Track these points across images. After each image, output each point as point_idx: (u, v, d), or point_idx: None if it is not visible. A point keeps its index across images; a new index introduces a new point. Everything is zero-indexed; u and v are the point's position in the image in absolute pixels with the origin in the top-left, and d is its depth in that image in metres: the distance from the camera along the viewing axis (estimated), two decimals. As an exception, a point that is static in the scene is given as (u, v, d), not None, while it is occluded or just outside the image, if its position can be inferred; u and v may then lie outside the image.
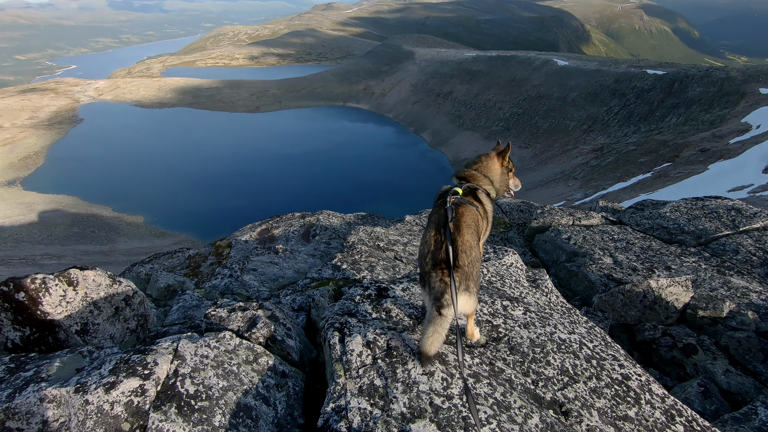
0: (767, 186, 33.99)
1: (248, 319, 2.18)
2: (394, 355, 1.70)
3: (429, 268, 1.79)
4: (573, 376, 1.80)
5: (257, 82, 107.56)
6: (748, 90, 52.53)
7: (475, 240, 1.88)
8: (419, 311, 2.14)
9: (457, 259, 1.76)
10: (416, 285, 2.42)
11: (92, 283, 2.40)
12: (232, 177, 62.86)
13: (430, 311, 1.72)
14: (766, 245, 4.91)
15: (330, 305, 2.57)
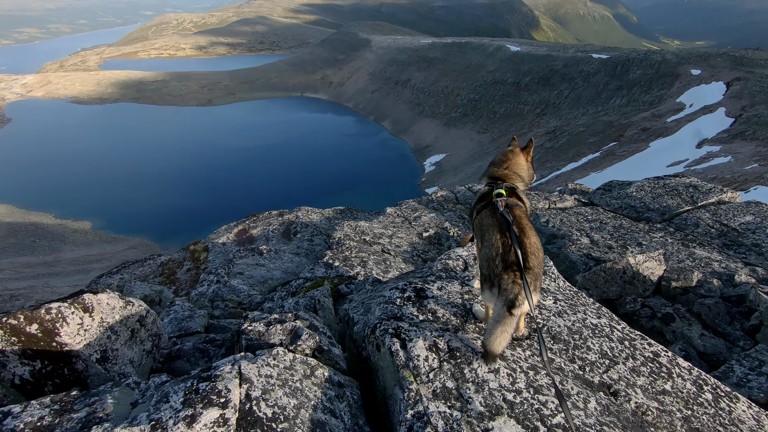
0: (700, 160, 37.26)
1: (289, 331, 2.11)
2: (457, 356, 1.74)
3: (500, 270, 1.83)
4: (612, 358, 1.94)
5: (208, 73, 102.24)
6: (681, 72, 56.57)
7: (539, 240, 1.95)
8: (462, 309, 2.18)
9: (527, 261, 1.83)
10: (450, 282, 2.44)
11: (107, 306, 2.21)
12: (186, 175, 59.74)
13: (500, 311, 1.76)
14: (722, 218, 5.43)
15: (367, 312, 2.49)
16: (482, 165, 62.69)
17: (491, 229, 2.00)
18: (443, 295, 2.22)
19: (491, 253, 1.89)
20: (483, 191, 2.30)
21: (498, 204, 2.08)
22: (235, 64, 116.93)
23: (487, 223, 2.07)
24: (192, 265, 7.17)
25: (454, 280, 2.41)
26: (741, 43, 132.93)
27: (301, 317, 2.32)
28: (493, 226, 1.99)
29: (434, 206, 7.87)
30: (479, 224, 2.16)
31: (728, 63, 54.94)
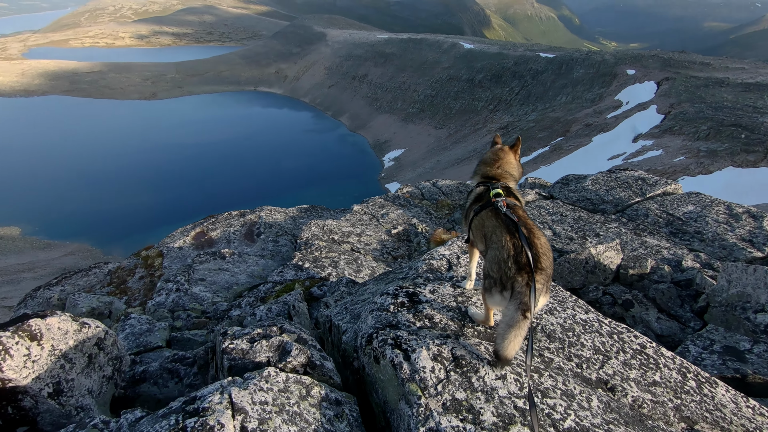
0: (636, 153, 40.46)
1: (276, 347, 1.93)
2: (462, 364, 1.68)
3: (513, 273, 1.78)
4: (605, 353, 1.99)
5: (151, 65, 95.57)
6: (618, 71, 60.79)
7: (548, 240, 1.94)
8: (458, 313, 2.13)
9: (539, 262, 1.80)
10: (441, 285, 2.38)
11: (58, 332, 1.91)
12: (130, 173, 55.53)
13: (513, 315, 1.72)
14: (668, 208, 5.89)
15: (355, 320, 2.34)
16: (440, 160, 63.97)
17: (498, 231, 1.95)
18: (437, 299, 2.16)
19: (502, 255, 1.84)
20: (479, 191, 2.24)
21: (499, 204, 2.05)
22: (181, 55, 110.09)
23: (490, 224, 2.03)
24: (145, 272, 6.63)
25: (444, 281, 2.37)
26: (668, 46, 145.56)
27: (287, 330, 2.16)
28: (498, 228, 1.95)
29: (401, 203, 7.86)
30: (479, 226, 2.11)
31: (658, 64, 59.79)
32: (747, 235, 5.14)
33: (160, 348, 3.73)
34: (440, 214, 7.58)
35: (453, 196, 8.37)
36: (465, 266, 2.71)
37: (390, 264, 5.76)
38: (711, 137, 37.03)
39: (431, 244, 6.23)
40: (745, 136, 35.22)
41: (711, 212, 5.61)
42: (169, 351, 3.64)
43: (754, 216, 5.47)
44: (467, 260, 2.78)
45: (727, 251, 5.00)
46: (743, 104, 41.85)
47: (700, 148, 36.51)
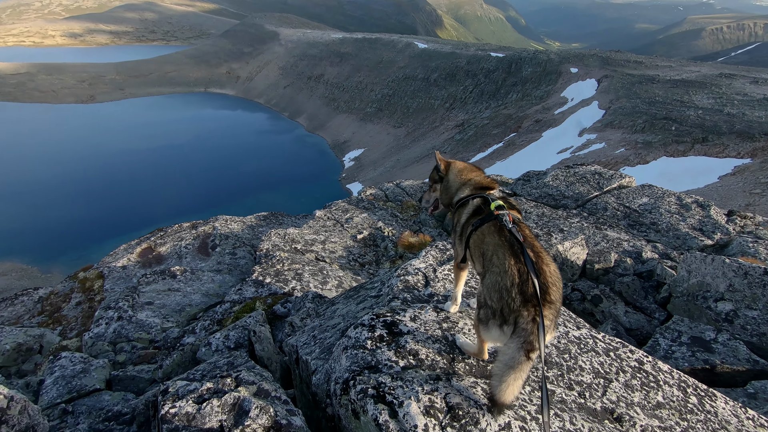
0: (582, 147, 42.90)
1: (231, 406, 1.58)
2: (460, 415, 1.43)
3: (518, 305, 1.53)
4: (605, 375, 1.85)
5: (87, 65, 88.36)
6: (563, 70, 64.13)
7: (557, 268, 1.71)
8: (445, 343, 1.88)
9: (548, 293, 1.55)
10: (422, 310, 2.13)
11: None
12: (67, 183, 51.01)
13: (515, 355, 1.48)
14: (624, 201, 6.10)
15: (326, 355, 2.02)
16: (400, 158, 64.34)
17: (500, 251, 1.69)
18: (419, 328, 1.92)
19: (504, 283, 1.59)
20: (477, 203, 1.97)
21: (505, 219, 1.79)
22: (121, 55, 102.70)
23: (491, 242, 1.76)
24: (83, 297, 5.91)
25: (425, 304, 2.14)
26: (605, 45, 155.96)
27: (245, 380, 1.82)
28: (501, 248, 1.70)
29: (365, 206, 7.62)
30: (477, 243, 1.86)
31: (598, 63, 63.71)
32: (697, 224, 5.40)
33: (98, 391, 3.22)
34: (406, 215, 7.42)
35: (417, 197, 8.25)
36: (443, 280, 2.51)
37: (357, 272, 5.50)
38: (646, 130, 40.00)
39: (399, 248, 6.05)
40: (675, 128, 38.37)
41: (663, 203, 5.86)
42: (109, 395, 3.15)
43: (702, 205, 5.78)
44: (445, 273, 2.59)
45: (680, 240, 5.22)
46: (672, 99, 45.59)
47: (637, 140, 39.35)
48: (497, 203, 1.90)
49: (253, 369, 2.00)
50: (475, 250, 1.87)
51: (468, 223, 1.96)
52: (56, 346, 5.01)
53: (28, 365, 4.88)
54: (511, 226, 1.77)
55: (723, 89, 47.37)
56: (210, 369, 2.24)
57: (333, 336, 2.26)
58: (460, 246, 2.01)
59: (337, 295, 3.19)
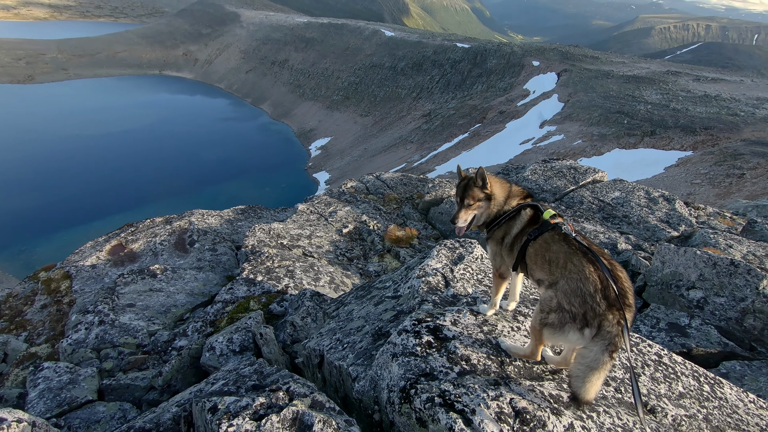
0: (543, 138, 44.66)
1: (291, 421, 1.49)
2: (527, 419, 1.48)
3: (603, 309, 1.62)
4: (634, 370, 1.98)
5: (24, 41, 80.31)
6: (525, 62, 65.90)
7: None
8: (490, 347, 1.92)
9: (626, 297, 1.65)
10: (460, 313, 2.16)
11: None
12: (6, 171, 46.55)
13: (599, 356, 1.59)
14: (598, 195, 6.46)
15: (365, 361, 2.00)
16: (368, 148, 63.99)
17: (574, 259, 1.75)
18: (463, 332, 1.95)
19: (587, 288, 1.66)
20: (530, 213, 2.02)
21: (566, 228, 1.87)
22: (63, 32, 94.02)
23: (561, 250, 1.83)
24: (49, 299, 5.47)
25: (460, 308, 2.17)
26: (564, 40, 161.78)
27: (297, 392, 1.75)
28: (574, 255, 1.77)
29: (347, 199, 7.56)
30: (540, 251, 1.90)
31: (558, 57, 66.02)
32: (664, 217, 5.83)
33: (91, 403, 3.03)
34: (389, 208, 7.44)
35: (398, 189, 8.28)
36: (461, 280, 2.56)
37: (346, 266, 5.48)
38: (601, 123, 42.20)
39: (386, 242, 6.07)
40: (627, 121, 40.76)
41: (634, 197, 6.27)
42: (104, 405, 2.97)
43: (668, 199, 6.23)
44: (461, 273, 2.64)
45: (650, 232, 5.62)
46: (625, 94, 48.29)
47: (593, 132, 41.47)
48: (550, 212, 1.97)
49: (299, 380, 1.95)
50: (537, 258, 1.91)
51: (522, 233, 2.00)
52: (23, 353, 4.64)
53: None
54: (574, 234, 1.85)
55: (669, 86, 50.74)
56: (236, 378, 2.16)
57: (364, 340, 2.25)
58: (509, 256, 2.05)
59: (344, 295, 3.17)
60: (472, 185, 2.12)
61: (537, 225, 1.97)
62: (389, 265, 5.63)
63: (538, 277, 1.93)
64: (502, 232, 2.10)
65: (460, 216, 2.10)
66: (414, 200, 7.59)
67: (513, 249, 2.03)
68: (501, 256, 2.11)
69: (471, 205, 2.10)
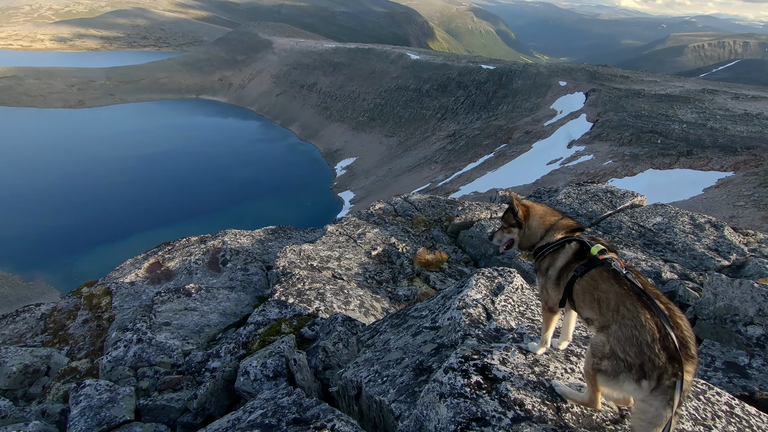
0: (571, 158, 43.67)
1: None
2: None
3: (663, 362, 1.50)
4: (704, 422, 1.82)
5: (77, 70, 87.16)
6: (552, 83, 65.50)
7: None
8: (543, 390, 1.83)
9: (687, 347, 1.52)
10: (508, 351, 2.08)
11: None
12: (55, 189, 49.82)
13: (660, 412, 1.48)
14: (638, 220, 6.18)
15: (407, 398, 1.95)
16: (392, 168, 64.53)
17: (628, 302, 1.62)
18: (513, 373, 1.87)
19: (644, 337, 1.54)
20: (576, 247, 1.90)
21: (616, 264, 1.73)
22: (112, 60, 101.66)
23: (611, 290, 1.68)
24: (90, 314, 5.70)
25: (508, 345, 2.08)
26: (592, 60, 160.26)
27: (341, 431, 1.73)
28: (628, 298, 1.63)
29: (375, 220, 7.58)
30: (588, 289, 1.79)
31: (586, 76, 65.25)
32: (712, 245, 5.49)
33: (129, 423, 3.08)
34: (417, 231, 7.40)
35: (427, 211, 8.24)
36: (503, 312, 2.48)
37: (375, 290, 5.44)
38: (633, 143, 40.94)
39: (415, 266, 6.01)
40: (661, 141, 39.36)
41: (677, 223, 5.96)
42: (140, 426, 3.01)
43: (715, 225, 5.89)
44: (503, 304, 2.55)
45: (697, 261, 5.30)
46: (658, 113, 46.86)
47: (624, 152, 40.23)
48: (599, 247, 1.85)
49: (342, 416, 1.92)
50: (586, 296, 1.81)
51: (568, 268, 1.90)
52: (65, 367, 4.81)
53: (36, 388, 4.67)
54: (625, 272, 1.72)
55: (706, 104, 48.91)
56: (274, 409, 2.14)
57: (404, 374, 2.19)
58: (555, 291, 1.96)
59: (378, 322, 3.12)
60: (509, 210, 2.16)
61: (584, 260, 1.86)
62: (419, 290, 5.55)
63: (587, 316, 1.82)
64: (546, 264, 2.03)
65: (495, 234, 2.21)
66: (443, 223, 7.52)
67: (559, 284, 1.94)
68: (547, 289, 2.02)
69: (505, 228, 2.16)
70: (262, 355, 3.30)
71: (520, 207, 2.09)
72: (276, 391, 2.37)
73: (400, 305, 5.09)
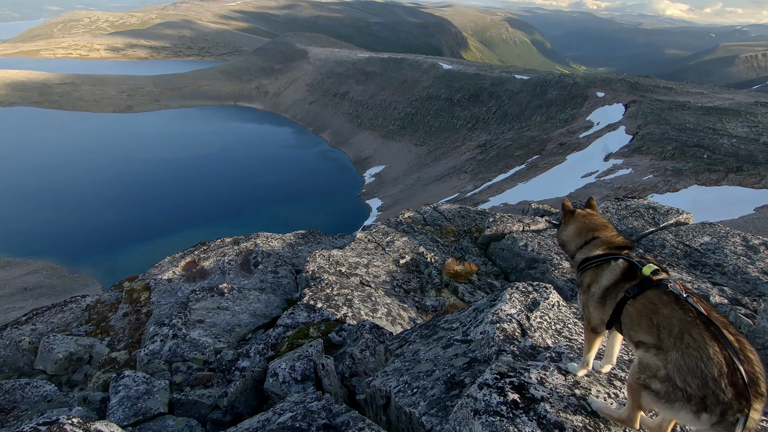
0: (608, 171, 41.97)
1: None
2: None
3: (730, 398, 1.41)
4: None
5: (127, 77, 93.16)
6: (589, 93, 63.60)
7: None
8: (584, 413, 1.74)
9: (758, 385, 1.41)
10: (547, 370, 2.02)
11: None
12: (102, 188, 53.15)
13: None
14: (684, 239, 5.83)
15: (438, 411, 1.88)
16: (421, 176, 64.40)
17: (693, 331, 1.51)
18: (552, 394, 1.79)
19: (710, 371, 1.44)
20: (624, 266, 1.79)
21: (675, 287, 1.62)
22: (158, 69, 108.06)
23: (674, 316, 1.58)
24: (130, 308, 6.00)
25: (546, 364, 2.01)
26: (633, 70, 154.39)
27: None
28: (693, 327, 1.52)
29: (404, 229, 7.56)
30: (646, 312, 1.64)
31: (626, 87, 62.90)
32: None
33: (162, 415, 3.20)
34: (446, 241, 7.31)
35: (456, 222, 8.14)
36: (539, 330, 2.39)
37: (403, 299, 5.40)
38: (676, 157, 38.90)
39: (444, 276, 5.93)
40: (708, 156, 37.16)
41: (728, 243, 5.58)
42: (173, 419, 3.12)
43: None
44: (539, 321, 2.47)
45: (750, 285, 4.93)
46: (704, 126, 44.38)
47: (666, 167, 38.26)
48: (651, 267, 1.74)
49: (372, 425, 1.92)
50: (642, 320, 1.69)
51: (617, 288, 1.79)
52: (105, 357, 5.07)
53: (78, 375, 4.94)
54: (685, 296, 1.61)
55: (759, 118, 45.92)
56: (303, 413, 2.16)
57: (435, 387, 2.15)
58: (599, 311, 1.85)
59: (407, 332, 3.09)
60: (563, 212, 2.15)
61: (635, 281, 1.75)
62: (447, 301, 5.47)
63: (639, 340, 1.70)
64: (588, 280, 1.91)
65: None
66: (473, 234, 7.40)
67: (605, 304, 1.83)
68: (588, 308, 1.90)
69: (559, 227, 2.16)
70: (290, 357, 3.34)
71: (566, 210, 2.06)
72: (305, 395, 2.39)
73: (427, 316, 5.04)
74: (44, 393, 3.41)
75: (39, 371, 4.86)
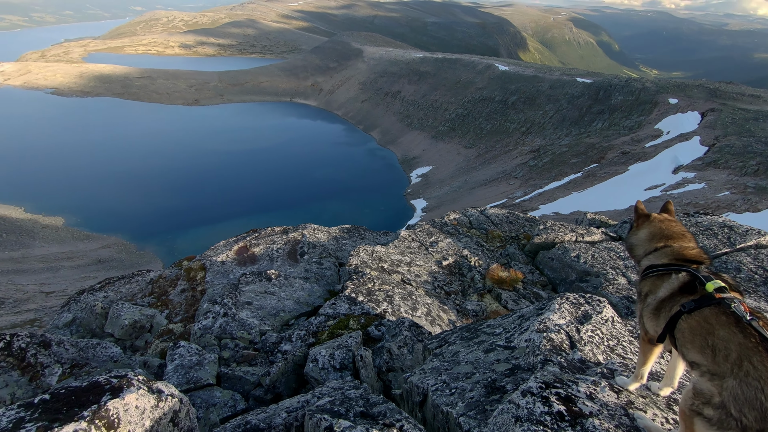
0: (676, 185, 38.52)
1: None
2: None
3: None
4: None
5: (196, 73, 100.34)
6: (659, 100, 58.78)
7: None
8: (634, 430, 1.69)
9: None
10: (597, 386, 1.93)
11: (135, 412, 1.64)
12: (168, 174, 57.89)
13: None
14: (765, 263, 5.22)
15: (477, 414, 1.84)
16: (468, 179, 63.15)
17: (755, 358, 1.38)
18: (602, 411, 1.70)
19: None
20: (683, 279, 1.68)
21: (737, 307, 1.49)
22: (224, 65, 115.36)
23: (732, 340, 1.45)
24: (187, 285, 6.48)
25: (595, 378, 1.92)
26: (714, 76, 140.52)
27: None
28: (754, 353, 1.39)
29: (449, 230, 7.47)
30: (701, 331, 1.54)
31: (704, 94, 57.43)
32: None
33: (210, 386, 3.44)
34: (492, 246, 7.12)
35: (503, 227, 7.89)
36: (590, 344, 2.27)
37: (443, 300, 5.35)
38: (760, 173, 34.96)
39: (487, 281, 5.78)
40: (801, 174, 32.99)
41: (818, 272, 4.92)
42: (220, 391, 3.34)
43: None
44: (590, 335, 2.35)
45: None
46: (798, 141, 39.44)
47: (747, 183, 34.43)
48: (717, 283, 1.60)
49: (410, 419, 1.94)
50: (696, 339, 1.58)
51: (673, 300, 1.68)
52: (164, 328, 5.52)
53: (140, 342, 5.44)
54: (749, 318, 1.46)
55: None
56: (342, 399, 2.23)
57: (475, 390, 2.12)
58: (653, 322, 1.76)
59: (447, 333, 3.07)
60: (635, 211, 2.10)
61: (693, 295, 1.62)
62: (489, 306, 5.33)
63: (692, 359, 1.58)
64: (647, 288, 1.81)
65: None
66: (520, 241, 7.13)
67: (659, 316, 1.72)
68: (643, 318, 1.80)
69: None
70: (330, 346, 3.44)
71: (640, 213, 1.97)
72: (343, 382, 2.45)
73: (467, 319, 4.94)
74: (111, 354, 3.81)
75: (107, 334, 5.40)
